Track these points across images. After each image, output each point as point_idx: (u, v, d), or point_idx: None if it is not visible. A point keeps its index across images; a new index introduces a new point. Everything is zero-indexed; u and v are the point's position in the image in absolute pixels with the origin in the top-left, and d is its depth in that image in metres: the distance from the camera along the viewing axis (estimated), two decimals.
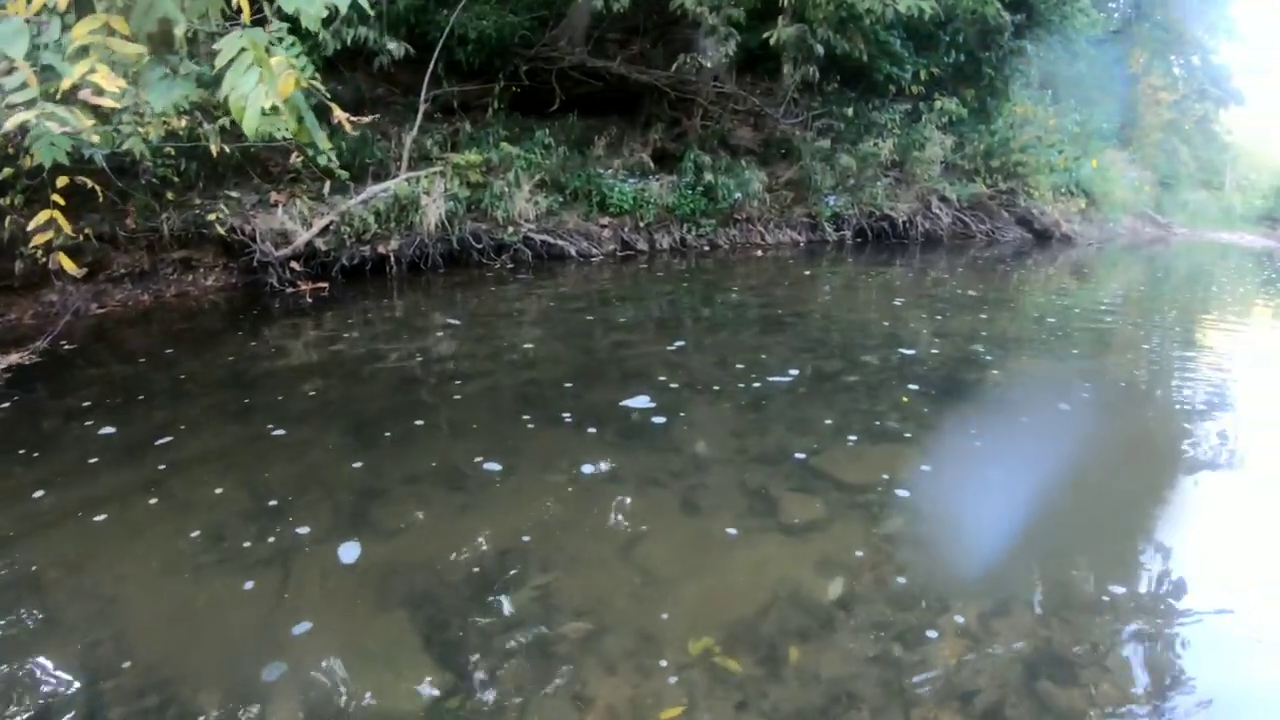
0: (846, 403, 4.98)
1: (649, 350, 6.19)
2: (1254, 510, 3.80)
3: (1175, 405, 5.55)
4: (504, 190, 9.90)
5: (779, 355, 6.03)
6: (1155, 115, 26.69)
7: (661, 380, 5.26)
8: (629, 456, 4.06)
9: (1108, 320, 9.16)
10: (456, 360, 5.96)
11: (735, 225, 11.71)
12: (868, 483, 3.83)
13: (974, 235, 14.15)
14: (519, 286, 8.64)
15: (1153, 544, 3.47)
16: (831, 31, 10.39)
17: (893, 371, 5.75)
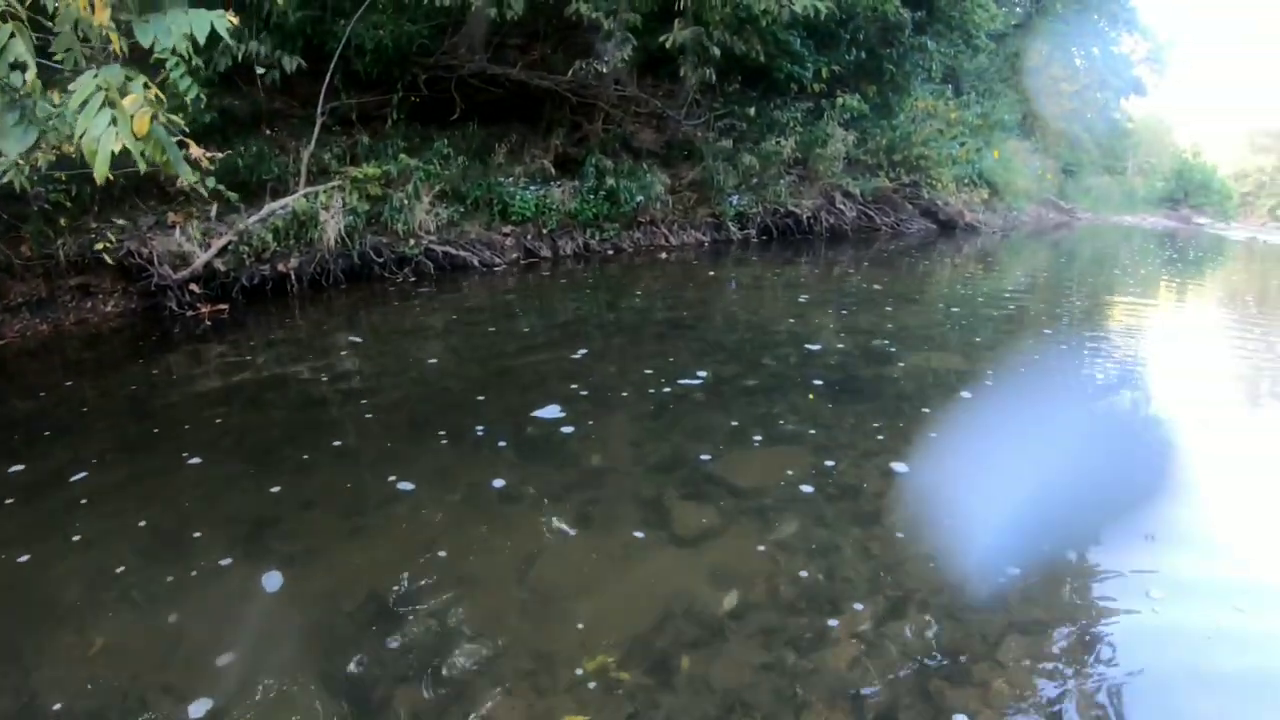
0: (745, 406, 4.98)
1: (551, 360, 6.13)
2: (1154, 493, 3.88)
3: (1075, 388, 5.67)
4: (403, 203, 9.71)
5: (680, 360, 6.02)
6: (1057, 105, 27.38)
7: (562, 390, 5.22)
8: (529, 471, 4.02)
9: (1011, 307, 9.38)
10: (361, 378, 5.85)
11: (639, 228, 11.68)
12: (763, 487, 3.83)
13: (879, 228, 14.36)
14: (422, 300, 8.52)
15: (1050, 536, 3.49)
16: (728, 33, 10.38)
17: (794, 371, 5.77)
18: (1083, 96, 30.45)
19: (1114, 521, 3.63)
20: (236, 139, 9.31)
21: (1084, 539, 3.47)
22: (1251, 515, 3.73)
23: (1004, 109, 21.45)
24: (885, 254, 13.08)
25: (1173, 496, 3.98)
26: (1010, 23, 26.53)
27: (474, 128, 11.54)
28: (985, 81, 22.93)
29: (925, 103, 15.82)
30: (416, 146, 10.62)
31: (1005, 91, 23.74)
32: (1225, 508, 3.81)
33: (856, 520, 3.55)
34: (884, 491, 3.84)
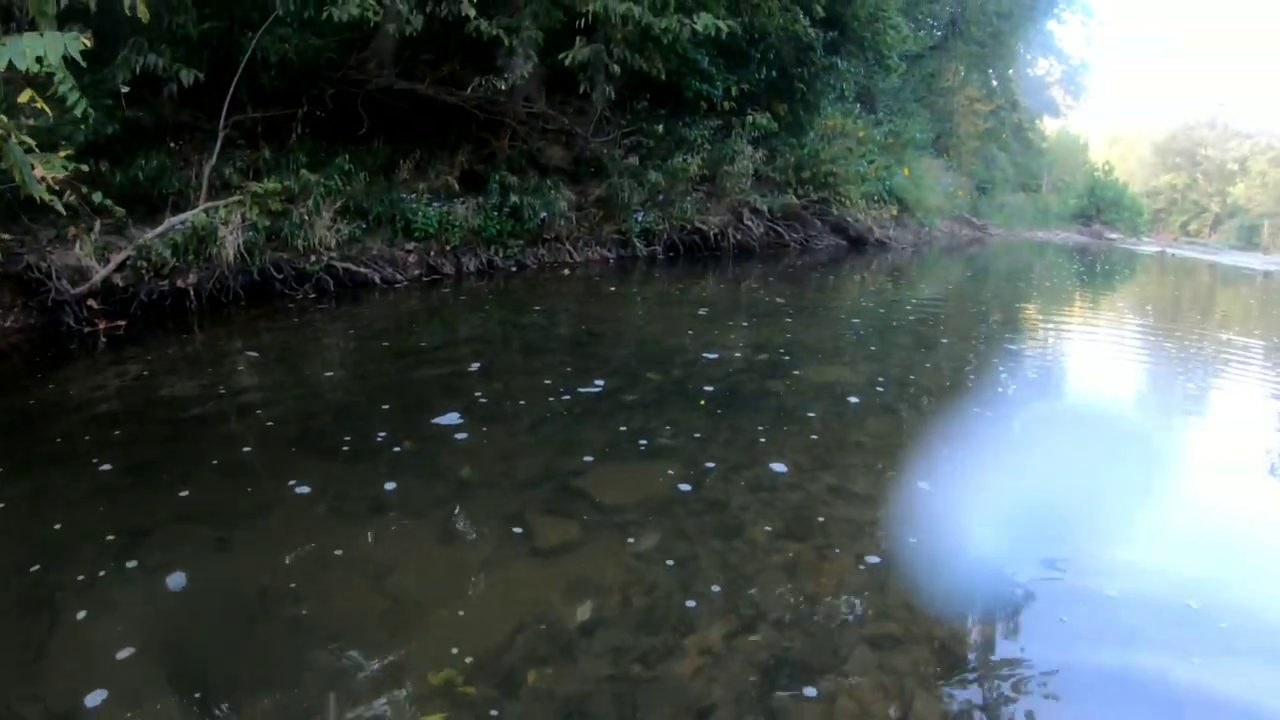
0: (624, 420, 4.97)
1: (438, 375, 6.08)
2: (1026, 500, 3.95)
3: (962, 395, 5.77)
4: (304, 219, 9.51)
5: (566, 375, 5.98)
6: (972, 124, 28.08)
7: (445, 405, 5.16)
8: (404, 482, 3.99)
9: (911, 318, 9.55)
10: (255, 392, 5.75)
11: (544, 245, 11.64)
12: (629, 501, 3.81)
13: (788, 244, 14.54)
14: (322, 316, 8.40)
15: (910, 550, 3.50)
16: (629, 51, 10.40)
17: (679, 385, 5.77)
18: (998, 116, 31.28)
19: (984, 529, 3.67)
20: (142, 151, 9.08)
21: (948, 552, 3.51)
22: (1119, 516, 3.81)
23: (916, 128, 21.91)
24: (792, 270, 13.24)
25: (1041, 506, 4.04)
26: (926, 44, 27.19)
27: (380, 143, 11.39)
28: (900, 101, 23.45)
29: (834, 121, 16.08)
30: (322, 161, 10.44)
31: (919, 111, 24.26)
32: (1089, 509, 3.89)
33: (719, 533, 3.55)
34: (749, 504, 3.84)
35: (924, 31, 28.60)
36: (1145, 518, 3.95)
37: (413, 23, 9.38)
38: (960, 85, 27.51)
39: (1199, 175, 78.15)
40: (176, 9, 8.63)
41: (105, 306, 7.65)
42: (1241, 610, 3.15)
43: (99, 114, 8.35)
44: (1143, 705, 2.64)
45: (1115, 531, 3.75)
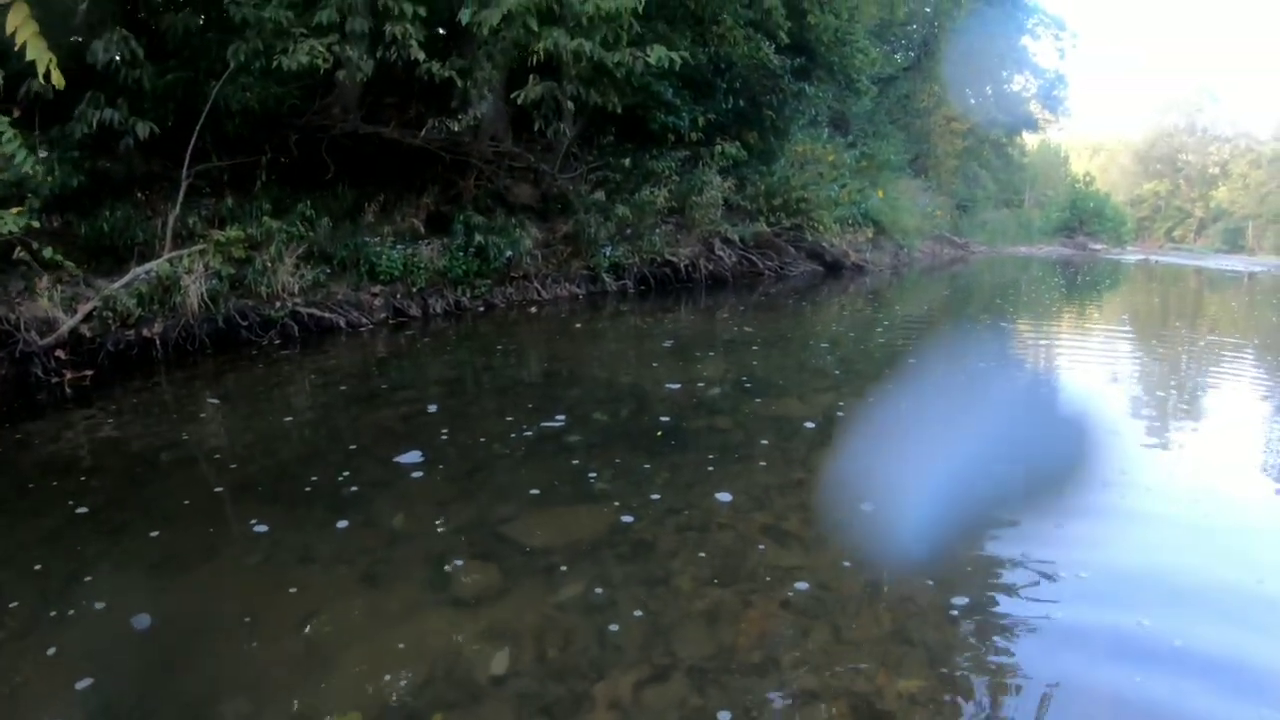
0: (566, 462, 4.87)
1: (391, 420, 6.00)
2: (962, 535, 3.82)
3: (915, 428, 5.63)
4: (266, 265, 9.47)
5: (518, 417, 5.87)
6: (950, 144, 28.19)
7: (395, 450, 5.09)
8: (339, 530, 3.97)
9: (879, 342, 9.49)
10: (217, 440, 5.73)
11: (512, 283, 11.55)
12: (556, 546, 3.73)
13: (762, 273, 14.46)
14: (287, 362, 8.35)
15: (837, 595, 3.39)
16: (583, 87, 10.37)
17: (625, 425, 5.67)
18: (976, 134, 31.41)
19: (922, 578, 3.53)
20: (109, 202, 9.07)
21: (879, 593, 3.40)
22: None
23: (890, 150, 21.95)
24: (765, 298, 13.16)
25: (987, 531, 3.92)
26: (900, 66, 27.40)
27: (345, 188, 11.34)
28: (875, 123, 23.53)
29: (805, 147, 16.07)
30: (287, 208, 10.38)
31: (894, 133, 24.33)
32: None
33: (644, 579, 3.45)
34: (679, 548, 3.74)
35: (899, 53, 28.86)
36: (1109, 552, 3.82)
37: (364, 69, 9.34)
38: (936, 105, 27.64)
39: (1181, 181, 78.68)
40: (131, 63, 8.60)
41: (73, 357, 7.62)
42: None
43: (65, 166, 8.45)
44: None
45: (1071, 563, 3.63)
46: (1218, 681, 2.83)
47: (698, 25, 14.35)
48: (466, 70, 9.99)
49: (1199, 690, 2.78)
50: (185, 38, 9.40)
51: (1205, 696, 2.75)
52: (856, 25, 17.68)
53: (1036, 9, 34.92)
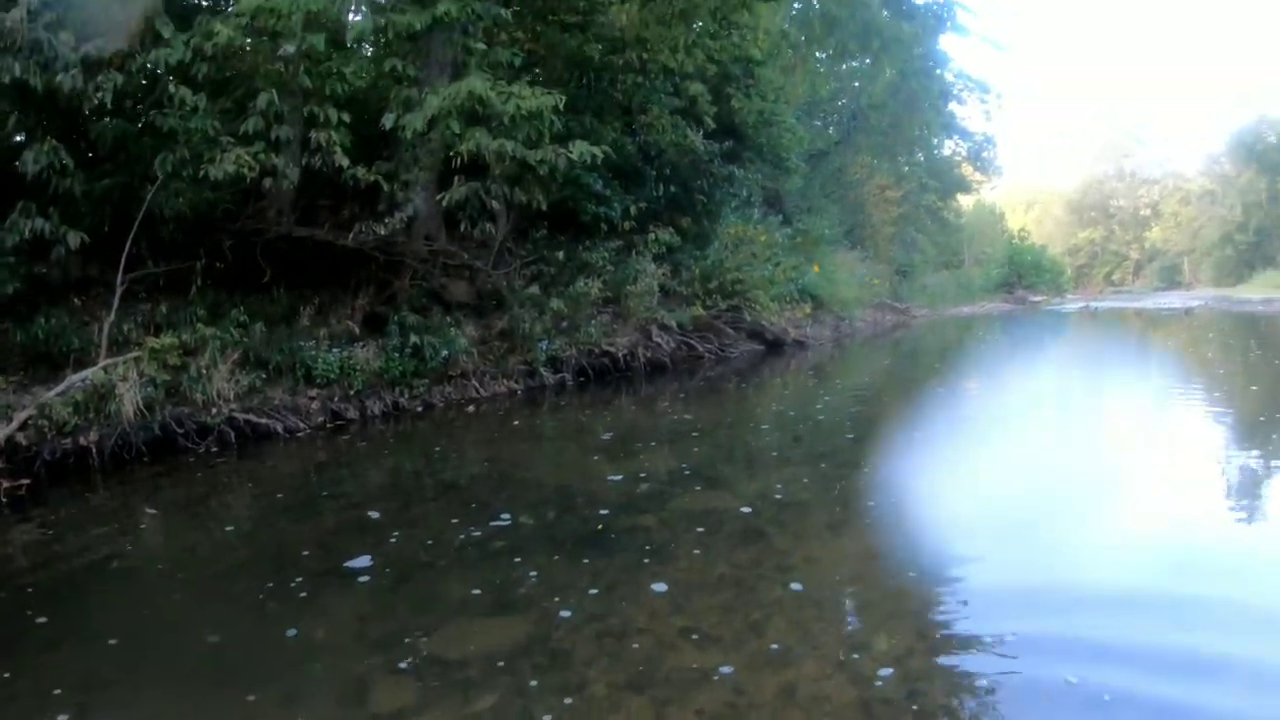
0: (489, 569, 4.82)
1: (307, 533, 5.91)
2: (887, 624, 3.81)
3: (835, 516, 5.65)
4: (201, 372, 9.37)
5: (442, 524, 5.84)
6: (885, 213, 28.83)
7: (320, 563, 5.09)
8: (250, 649, 3.96)
9: (820, 419, 9.55)
10: (159, 552, 5.73)
11: (450, 382, 11.49)
12: (473, 660, 3.68)
13: (702, 356, 14.56)
14: (224, 469, 8.29)
15: (742, 709, 3.33)
16: (507, 186, 10.52)
17: (549, 528, 5.61)
18: (910, 201, 32.20)
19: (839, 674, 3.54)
20: (44, 308, 9.03)
21: (789, 710, 3.35)
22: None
23: (825, 224, 22.41)
24: (705, 382, 13.24)
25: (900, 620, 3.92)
26: (831, 141, 28.11)
27: (280, 291, 11.30)
28: (809, 199, 24.03)
29: (737, 228, 16.35)
30: (223, 313, 10.33)
31: (828, 207, 24.87)
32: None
33: (559, 689, 3.41)
34: (595, 656, 3.70)
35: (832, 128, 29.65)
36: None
37: (290, 176, 9.46)
38: (869, 176, 28.34)
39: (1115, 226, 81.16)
40: (62, 172, 8.62)
41: (9, 465, 7.48)
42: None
43: (1, 273, 8.44)
44: None
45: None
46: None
47: (626, 115, 14.68)
48: (393, 173, 10.12)
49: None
50: (118, 144, 9.44)
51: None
52: (783, 106, 18.20)
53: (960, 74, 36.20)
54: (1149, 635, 3.75)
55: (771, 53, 17.05)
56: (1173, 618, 3.94)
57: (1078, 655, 3.53)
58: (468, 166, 10.13)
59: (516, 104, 9.13)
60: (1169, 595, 4.21)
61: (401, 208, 10.22)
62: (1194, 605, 4.07)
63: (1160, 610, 4.05)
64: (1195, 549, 4.88)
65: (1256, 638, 3.71)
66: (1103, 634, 3.73)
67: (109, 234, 9.28)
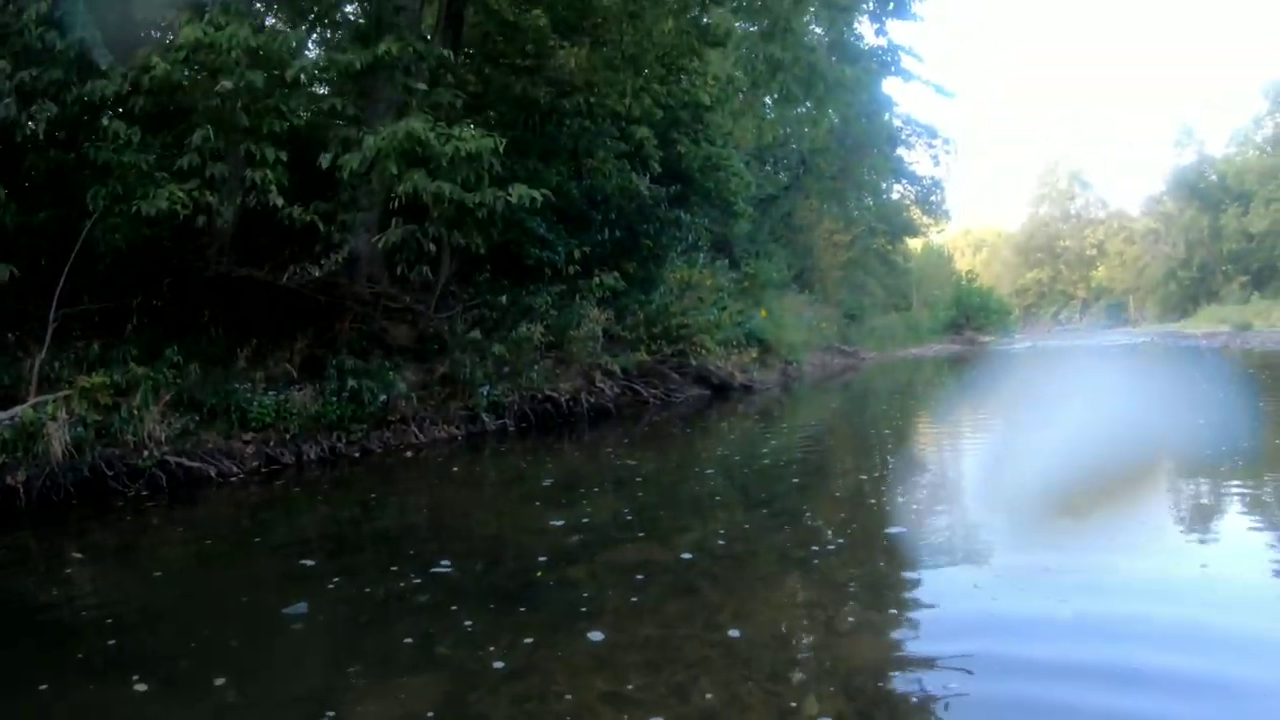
0: (415, 624, 4.66)
1: (240, 578, 5.84)
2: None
3: (771, 566, 5.54)
4: (133, 413, 9.12)
5: (368, 575, 5.67)
6: (833, 256, 29.14)
7: (236, 613, 4.99)
8: (171, 700, 3.84)
9: (764, 464, 9.50)
10: (88, 599, 5.53)
11: (389, 427, 11.27)
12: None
13: (647, 401, 14.48)
14: (156, 514, 8.10)
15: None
16: (445, 229, 10.44)
17: (475, 581, 5.43)
18: (859, 244, 32.62)
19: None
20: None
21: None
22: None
23: (772, 268, 22.57)
24: (650, 428, 13.15)
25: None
26: (781, 185, 28.44)
27: (219, 331, 11.08)
28: (758, 243, 24.21)
29: (682, 272, 16.39)
30: (159, 352, 10.09)
31: (777, 251, 25.07)
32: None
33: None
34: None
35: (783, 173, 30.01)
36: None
37: (224, 214, 9.33)
38: (818, 220, 28.68)
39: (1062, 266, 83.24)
40: None
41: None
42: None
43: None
44: None
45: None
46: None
47: (573, 159, 14.71)
48: (331, 214, 10.00)
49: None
50: (53, 176, 9.31)
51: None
52: (731, 151, 18.36)
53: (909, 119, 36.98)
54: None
55: (720, 98, 17.15)
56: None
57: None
58: (407, 208, 10.05)
59: (456, 146, 9.06)
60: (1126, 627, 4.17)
61: (338, 249, 10.07)
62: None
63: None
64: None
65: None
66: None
67: (44, 268, 9.13)
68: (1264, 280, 56.34)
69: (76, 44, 8.76)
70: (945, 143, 38.14)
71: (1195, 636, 4.06)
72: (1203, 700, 3.38)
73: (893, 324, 34.33)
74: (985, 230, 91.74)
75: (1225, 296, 56.53)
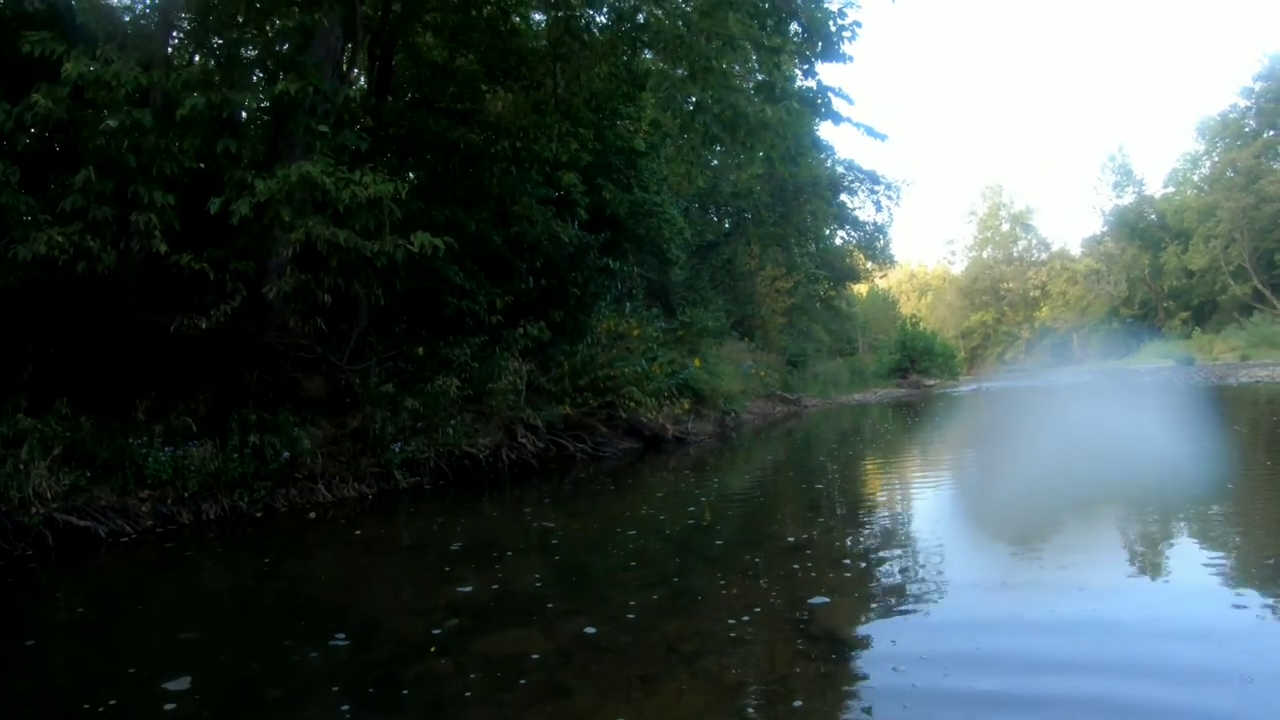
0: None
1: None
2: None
3: (662, 661, 5.05)
4: (19, 467, 8.73)
5: (214, 662, 5.26)
6: (776, 302, 29.01)
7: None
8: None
9: (687, 524, 9.09)
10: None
11: (295, 485, 10.70)
12: None
13: (573, 455, 14.00)
14: (41, 575, 7.84)
15: None
16: (341, 278, 9.99)
17: (335, 673, 4.94)
18: (802, 290, 32.58)
19: None
20: None
21: None
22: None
23: (709, 317, 22.30)
24: (575, 485, 12.66)
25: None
26: (720, 232, 28.34)
27: (117, 381, 10.53)
28: (696, 290, 23.98)
29: (610, 322, 16.02)
30: (50, 402, 9.50)
31: (716, 298, 24.85)
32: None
33: None
34: None
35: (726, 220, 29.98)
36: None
37: (105, 260, 8.81)
38: (759, 267, 28.54)
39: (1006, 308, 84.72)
40: None
41: None
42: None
43: None
44: None
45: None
46: None
47: (498, 204, 14.35)
48: (223, 261, 9.53)
49: None
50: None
51: None
52: (663, 197, 18.13)
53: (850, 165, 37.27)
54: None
55: (654, 143, 16.96)
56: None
57: None
58: (307, 256, 9.63)
59: (354, 191, 8.64)
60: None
61: (230, 299, 9.59)
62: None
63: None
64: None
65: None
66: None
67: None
68: (1204, 315, 57.87)
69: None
70: (888, 188, 38.50)
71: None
72: None
73: (837, 370, 34.22)
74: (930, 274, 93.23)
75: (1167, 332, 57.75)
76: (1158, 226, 61.65)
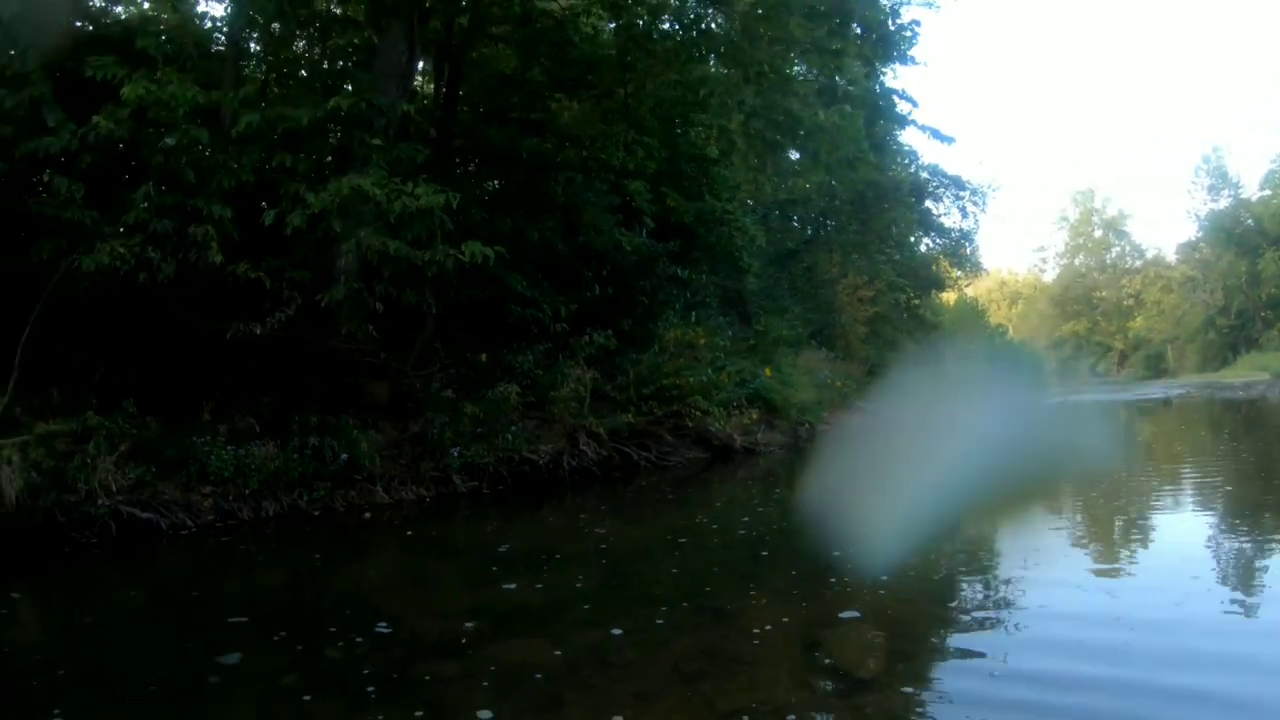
0: (274, 708, 4.48)
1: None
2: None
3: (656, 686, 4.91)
4: (88, 461, 9.11)
5: (241, 672, 5.17)
6: (858, 311, 28.43)
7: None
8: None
9: (740, 534, 8.99)
10: (27, 645, 5.71)
11: (354, 486, 10.87)
12: None
13: (638, 464, 13.87)
14: (105, 564, 8.23)
15: None
16: (393, 287, 10.10)
17: (346, 668, 5.02)
18: (886, 299, 31.88)
19: None
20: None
21: None
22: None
23: (784, 326, 21.91)
24: (635, 493, 12.57)
25: None
26: (802, 238, 27.96)
27: (186, 382, 10.88)
28: (775, 298, 23.62)
29: (677, 331, 15.85)
30: (119, 401, 9.85)
31: (792, 306, 24.45)
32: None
33: None
34: None
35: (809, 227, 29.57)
36: None
37: (165, 270, 9.14)
38: (841, 274, 28.03)
39: (1099, 317, 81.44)
40: None
41: None
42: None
43: None
44: None
45: None
46: None
47: (564, 214, 14.37)
48: (279, 270, 9.77)
49: None
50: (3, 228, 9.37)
51: None
52: (734, 205, 17.92)
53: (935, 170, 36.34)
54: None
55: (725, 149, 16.78)
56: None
57: None
58: (364, 264, 9.81)
59: (404, 202, 8.75)
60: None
61: (286, 307, 9.81)
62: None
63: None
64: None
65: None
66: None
67: (9, 315, 9.25)
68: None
69: (25, 102, 8.75)
70: (973, 194, 37.46)
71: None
72: None
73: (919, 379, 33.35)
74: (1020, 282, 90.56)
75: (1265, 343, 54.66)
76: (1255, 231, 58.08)
